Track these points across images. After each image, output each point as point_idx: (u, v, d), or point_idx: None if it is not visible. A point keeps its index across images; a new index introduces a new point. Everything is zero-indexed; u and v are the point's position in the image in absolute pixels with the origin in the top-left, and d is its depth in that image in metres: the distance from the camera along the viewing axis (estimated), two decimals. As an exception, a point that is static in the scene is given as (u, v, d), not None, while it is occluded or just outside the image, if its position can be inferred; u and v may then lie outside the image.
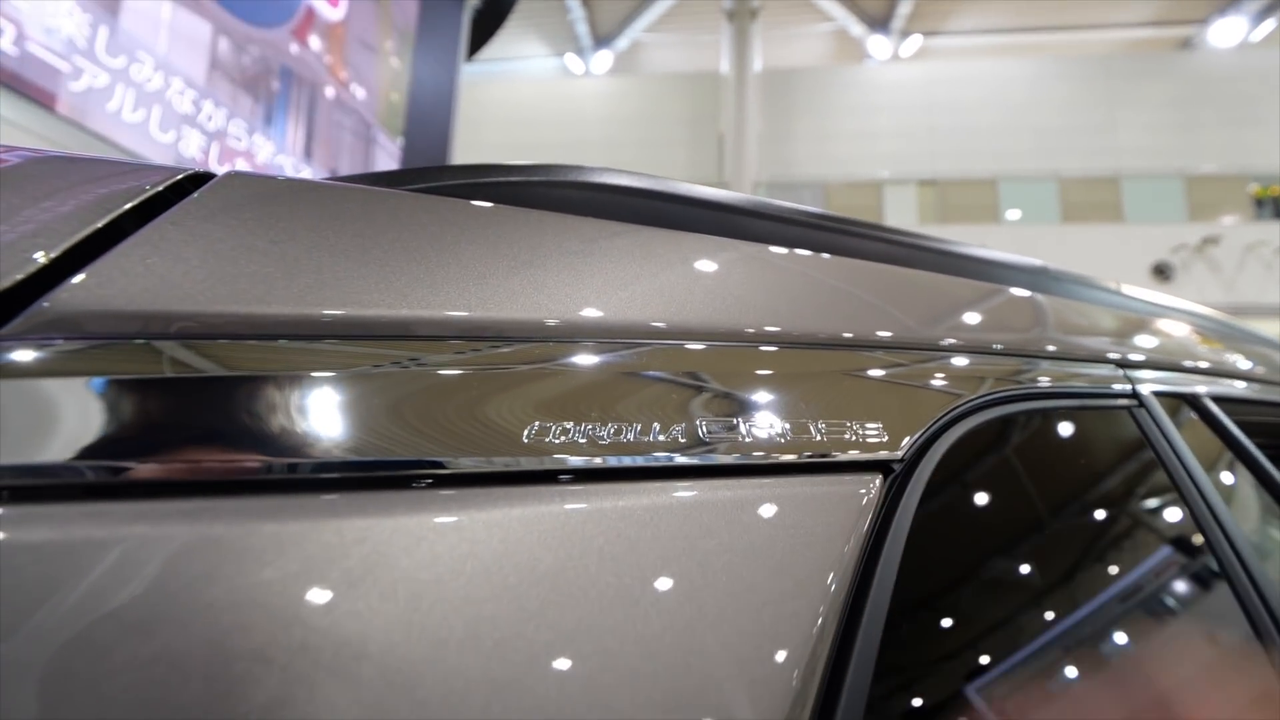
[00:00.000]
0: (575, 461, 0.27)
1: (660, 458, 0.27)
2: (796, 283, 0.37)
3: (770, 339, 0.33)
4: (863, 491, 0.29)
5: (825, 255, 0.41)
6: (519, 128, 12.63)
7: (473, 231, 0.33)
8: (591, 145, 12.27)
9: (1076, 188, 10.25)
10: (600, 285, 0.32)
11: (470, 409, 0.26)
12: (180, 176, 0.30)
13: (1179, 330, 0.57)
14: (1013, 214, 10.28)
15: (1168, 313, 0.61)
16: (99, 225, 0.27)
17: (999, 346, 0.41)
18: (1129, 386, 0.46)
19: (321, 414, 0.25)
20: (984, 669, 0.32)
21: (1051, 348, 0.44)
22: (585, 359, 0.29)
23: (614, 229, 0.35)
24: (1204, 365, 0.56)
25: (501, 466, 0.26)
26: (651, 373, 0.30)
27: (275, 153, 4.15)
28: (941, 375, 0.36)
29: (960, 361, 0.38)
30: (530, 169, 0.39)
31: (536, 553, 0.24)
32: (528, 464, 0.26)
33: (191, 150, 3.45)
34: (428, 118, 6.27)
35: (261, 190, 0.31)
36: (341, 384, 0.25)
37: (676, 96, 12.61)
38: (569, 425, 0.27)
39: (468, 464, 0.25)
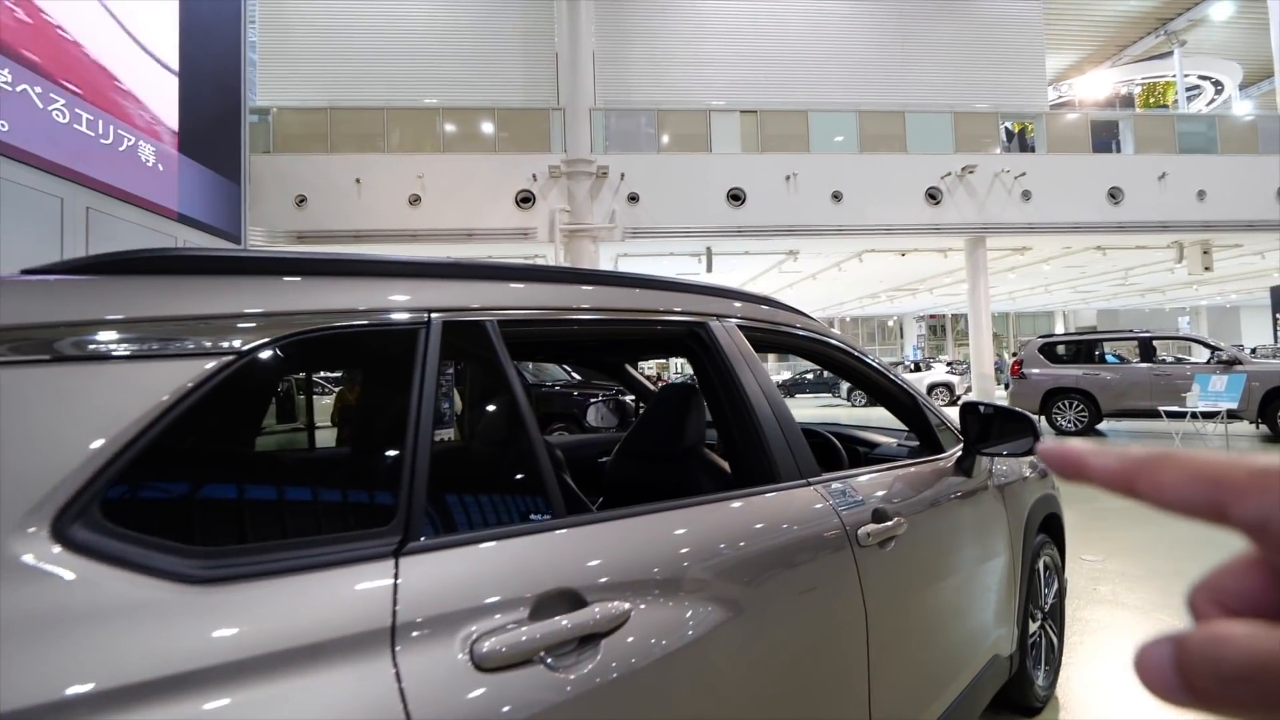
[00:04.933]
0: None
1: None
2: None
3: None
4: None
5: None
6: (336, 35, 11.43)
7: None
8: (422, 59, 11.45)
9: (872, 120, 11.52)
10: None
11: None
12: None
13: (488, 283, 0.93)
14: (838, 138, 11.21)
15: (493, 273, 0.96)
16: None
17: (343, 308, 0.77)
18: (425, 318, 0.80)
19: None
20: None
21: (367, 306, 0.78)
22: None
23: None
24: (496, 304, 0.90)
25: None
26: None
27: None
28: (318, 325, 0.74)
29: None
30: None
31: None
32: None
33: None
34: (207, 37, 5.72)
35: None
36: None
37: (510, 10, 12.03)
38: None
39: None
